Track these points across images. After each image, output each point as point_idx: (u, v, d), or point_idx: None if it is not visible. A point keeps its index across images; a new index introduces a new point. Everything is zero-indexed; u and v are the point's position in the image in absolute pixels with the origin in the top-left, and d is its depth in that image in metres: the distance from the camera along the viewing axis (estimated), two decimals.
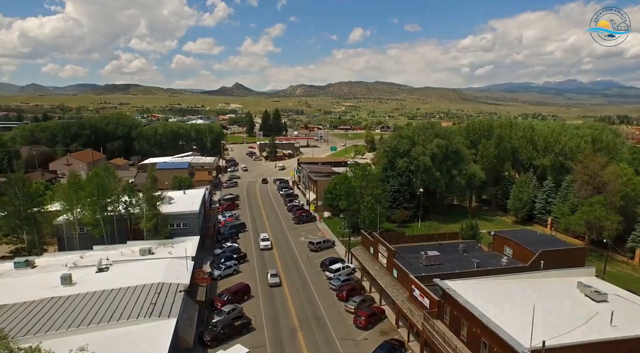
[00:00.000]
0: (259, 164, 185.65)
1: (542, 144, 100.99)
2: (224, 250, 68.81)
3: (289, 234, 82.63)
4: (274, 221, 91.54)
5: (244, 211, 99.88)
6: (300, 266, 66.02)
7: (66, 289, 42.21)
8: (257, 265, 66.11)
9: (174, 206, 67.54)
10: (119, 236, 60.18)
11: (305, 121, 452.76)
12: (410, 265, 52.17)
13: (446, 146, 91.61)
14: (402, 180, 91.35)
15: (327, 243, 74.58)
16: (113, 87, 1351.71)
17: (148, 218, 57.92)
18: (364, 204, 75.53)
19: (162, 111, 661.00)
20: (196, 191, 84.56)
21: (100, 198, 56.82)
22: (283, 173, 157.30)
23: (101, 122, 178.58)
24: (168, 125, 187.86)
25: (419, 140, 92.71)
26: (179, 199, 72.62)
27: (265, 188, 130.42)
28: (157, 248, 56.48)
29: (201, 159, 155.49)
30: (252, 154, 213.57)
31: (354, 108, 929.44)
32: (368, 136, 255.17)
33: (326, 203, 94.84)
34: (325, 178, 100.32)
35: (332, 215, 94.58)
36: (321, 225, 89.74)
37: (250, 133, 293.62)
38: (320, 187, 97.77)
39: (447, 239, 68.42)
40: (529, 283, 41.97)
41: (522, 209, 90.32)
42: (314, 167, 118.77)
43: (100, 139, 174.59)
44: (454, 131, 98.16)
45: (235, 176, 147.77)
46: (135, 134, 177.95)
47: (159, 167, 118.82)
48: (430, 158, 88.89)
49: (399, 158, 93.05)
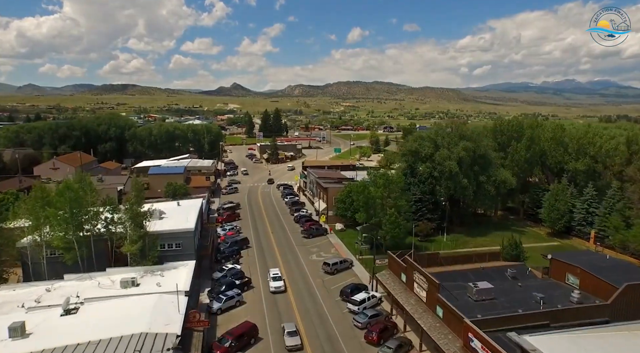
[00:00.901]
0: (260, 167, 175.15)
1: (574, 147, 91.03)
2: (224, 273, 58.46)
3: (298, 251, 72.22)
4: (280, 235, 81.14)
5: (246, 222, 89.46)
6: (316, 295, 55.63)
7: (15, 345, 31.77)
8: (263, 292, 55.79)
9: (165, 223, 57.09)
10: (97, 260, 49.71)
11: (305, 121, 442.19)
12: (456, 299, 42.06)
13: (473, 150, 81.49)
14: (425, 188, 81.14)
15: (344, 264, 64.23)
16: (110, 88, 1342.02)
17: (132, 241, 47.48)
18: (386, 218, 65.31)
19: (159, 111, 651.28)
20: (192, 201, 74.06)
21: (73, 215, 46.36)
22: (287, 177, 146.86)
23: (92, 123, 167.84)
24: (163, 126, 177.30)
25: (443, 143, 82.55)
26: (171, 213, 62.13)
27: (268, 193, 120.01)
28: (144, 278, 46.08)
29: (198, 162, 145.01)
30: (252, 156, 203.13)
31: (353, 108, 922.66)
32: (372, 136, 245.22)
33: (338, 213, 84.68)
34: (336, 185, 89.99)
35: (345, 227, 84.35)
36: (333, 238, 79.42)
37: (250, 134, 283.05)
38: (331, 195, 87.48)
39: (487, 260, 58.32)
40: None
41: (560, 220, 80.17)
42: (321, 172, 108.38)
43: (91, 141, 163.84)
44: (480, 133, 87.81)
45: (235, 180, 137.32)
46: (129, 136, 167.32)
47: (152, 172, 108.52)
48: (456, 163, 78.73)
49: (420, 162, 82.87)
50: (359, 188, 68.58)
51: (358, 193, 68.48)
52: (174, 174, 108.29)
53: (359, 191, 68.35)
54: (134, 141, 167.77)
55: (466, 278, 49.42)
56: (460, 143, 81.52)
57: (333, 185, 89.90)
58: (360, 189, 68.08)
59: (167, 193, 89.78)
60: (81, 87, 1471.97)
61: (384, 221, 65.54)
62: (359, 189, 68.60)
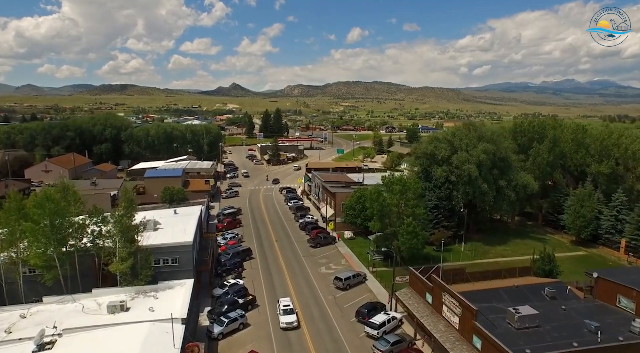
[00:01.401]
0: (261, 169, 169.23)
1: (597, 148, 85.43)
2: (225, 290, 52.69)
3: (305, 262, 66.42)
4: (285, 244, 75.33)
5: (248, 229, 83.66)
6: (328, 315, 49.80)
7: None
8: (269, 311, 50.04)
9: (160, 235, 51.23)
10: (82, 279, 43.91)
11: (306, 121, 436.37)
12: (494, 326, 36.43)
13: (493, 152, 75.84)
14: (441, 193, 75.48)
15: (358, 278, 58.43)
16: (109, 88, 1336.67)
17: (122, 258, 41.64)
18: (402, 227, 59.59)
19: (158, 111, 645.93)
20: (190, 209, 68.14)
21: (55, 229, 40.54)
22: (290, 179, 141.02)
23: (87, 124, 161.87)
24: (161, 126, 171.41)
25: (461, 145, 76.84)
26: (167, 223, 56.24)
27: (270, 197, 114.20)
28: (135, 300, 40.32)
29: (197, 164, 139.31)
30: (253, 157, 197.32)
31: (353, 108, 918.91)
32: (376, 137, 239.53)
33: (347, 220, 78.97)
34: (344, 190, 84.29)
35: (355, 235, 78.63)
36: (343, 248, 73.63)
37: (250, 134, 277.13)
38: (340, 201, 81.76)
39: (518, 275, 52.70)
40: None
41: (586, 228, 74.47)
42: (327, 175, 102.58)
43: (86, 142, 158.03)
44: (500, 134, 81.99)
45: (236, 183, 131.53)
46: (125, 136, 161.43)
47: (148, 176, 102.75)
48: (476, 167, 73.04)
49: (436, 166, 77.06)
50: (373, 195, 62.75)
51: (372, 200, 62.67)
52: (171, 178, 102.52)
53: (372, 198, 62.54)
54: (130, 142, 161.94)
55: (500, 298, 43.75)
56: (480, 145, 75.91)
57: (341, 190, 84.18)
58: (375, 196, 62.26)
59: (163, 198, 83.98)
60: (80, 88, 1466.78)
61: (401, 231, 59.85)
62: (372, 196, 62.77)
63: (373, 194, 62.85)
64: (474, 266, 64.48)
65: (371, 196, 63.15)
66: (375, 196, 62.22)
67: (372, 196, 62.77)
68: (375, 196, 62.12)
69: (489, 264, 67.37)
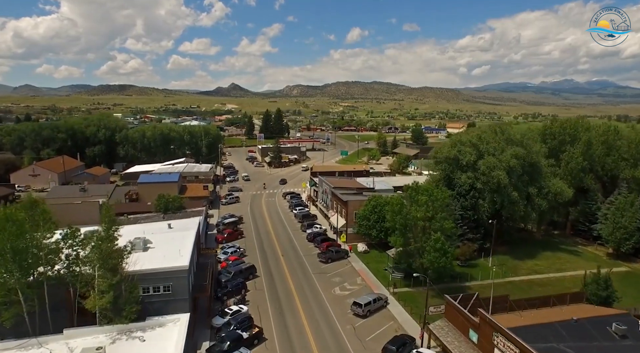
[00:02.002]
0: (262, 171, 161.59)
1: (632, 152, 78.11)
2: (227, 319, 44.97)
3: (316, 282, 58.81)
4: (293, 259, 67.66)
5: (250, 241, 76.01)
6: (349, 352, 42.21)
7: None
8: (278, 347, 42.42)
9: (150, 257, 43.45)
10: (53, 315, 36.22)
11: (306, 122, 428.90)
12: None
13: (523, 157, 68.41)
14: (466, 202, 67.99)
15: (379, 303, 50.83)
16: (107, 88, 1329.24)
17: (101, 291, 33.97)
18: (429, 243, 52.05)
19: (156, 111, 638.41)
20: (187, 222, 60.38)
21: (17, 256, 32.90)
22: (296, 181, 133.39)
23: (80, 124, 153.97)
24: (157, 127, 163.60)
25: (489, 149, 69.28)
26: (160, 240, 48.48)
27: (273, 203, 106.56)
28: (116, 343, 32.77)
29: (195, 167, 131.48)
30: (253, 159, 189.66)
31: (352, 108, 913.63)
32: (380, 138, 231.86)
33: (360, 231, 71.42)
34: (356, 198, 76.73)
35: (369, 248, 71.04)
36: (357, 263, 66.03)
37: (250, 135, 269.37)
38: (352, 210, 74.20)
39: (569, 302, 45.09)
40: None
41: (628, 240, 66.95)
42: (335, 180, 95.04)
43: (78, 144, 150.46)
44: (530, 137, 74.27)
45: (236, 187, 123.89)
46: (120, 138, 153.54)
47: (141, 181, 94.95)
48: (506, 173, 65.55)
49: (459, 172, 69.55)
50: (395, 207, 55.13)
51: (394, 213, 55.06)
52: (166, 183, 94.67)
53: (394, 211, 54.91)
54: (125, 144, 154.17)
55: (559, 335, 36.33)
56: (508, 149, 68.45)
57: (353, 198, 76.58)
58: (397, 208, 54.62)
59: (157, 207, 76.25)
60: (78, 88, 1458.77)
61: (427, 248, 52.30)
62: (394, 208, 55.14)
63: (395, 206, 55.20)
64: (506, 286, 57.22)
65: (393, 208, 55.51)
66: (398, 208, 54.59)
67: (394, 208, 55.13)
68: (397, 209, 54.48)
69: (522, 282, 60.03)
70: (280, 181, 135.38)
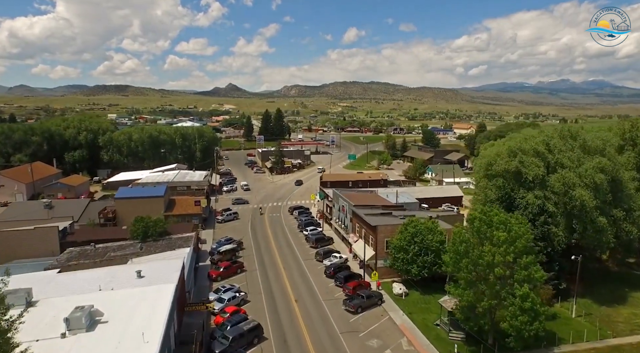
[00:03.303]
0: (263, 178, 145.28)
1: None
2: None
3: (344, 343, 42.63)
4: (311, 307, 51.32)
5: (253, 279, 59.70)
6: None
7: None
8: None
9: (96, 344, 27.14)
10: None
11: (306, 122, 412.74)
12: None
13: (609, 171, 52.51)
14: (535, 230, 51.85)
15: None
16: (103, 88, 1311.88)
17: None
18: (514, 301, 36.06)
19: (152, 112, 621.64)
20: (166, 268, 43.59)
21: None
22: (307, 187, 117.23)
23: (58, 126, 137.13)
24: (146, 129, 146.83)
25: (562, 159, 53.35)
26: (119, 309, 32.12)
27: (278, 220, 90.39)
28: None
29: (187, 175, 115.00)
30: (253, 164, 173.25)
31: (351, 109, 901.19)
32: (389, 139, 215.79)
33: (396, 267, 55.43)
34: (387, 221, 60.61)
35: (407, 288, 54.90)
36: (395, 313, 49.79)
37: (249, 137, 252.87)
38: (383, 237, 58.10)
39: None
40: None
41: None
42: (354, 195, 78.79)
43: (55, 148, 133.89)
44: (612, 143, 58.18)
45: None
46: (103, 141, 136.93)
47: (119, 196, 78.58)
48: (590, 192, 49.69)
49: (522, 190, 53.57)
50: (458, 247, 39.00)
51: (456, 254, 39.02)
52: (150, 199, 78.52)
53: (457, 251, 38.86)
54: (109, 148, 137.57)
55: None
56: (589, 160, 52.52)
57: (383, 221, 60.39)
58: (461, 248, 38.51)
59: (134, 233, 59.94)
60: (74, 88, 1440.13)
61: (511, 308, 36.28)
62: (457, 247, 39.04)
63: (458, 245, 39.04)
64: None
65: (455, 248, 39.36)
66: (463, 248, 38.44)
67: (457, 247, 39.01)
68: (462, 249, 38.34)
69: (632, 348, 43.61)
70: (296, 183, 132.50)
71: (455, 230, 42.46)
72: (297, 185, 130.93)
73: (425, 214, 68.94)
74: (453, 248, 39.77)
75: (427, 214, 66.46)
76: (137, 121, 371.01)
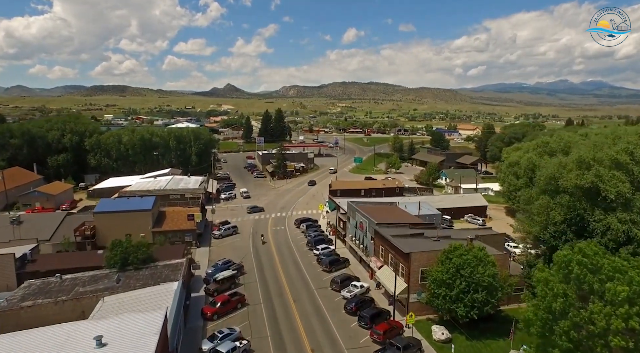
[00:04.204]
0: (264, 184, 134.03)
1: None
2: None
3: None
4: None
5: (257, 317, 48.62)
6: None
7: None
8: None
9: None
10: None
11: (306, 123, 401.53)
12: None
13: None
14: None
15: None
16: (101, 88, 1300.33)
17: None
18: None
19: (150, 112, 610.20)
20: (140, 323, 31.97)
21: None
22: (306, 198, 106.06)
23: (40, 128, 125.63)
24: (137, 131, 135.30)
25: None
26: None
27: (283, 235, 79.32)
28: None
29: (181, 182, 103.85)
30: (253, 168, 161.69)
31: (350, 109, 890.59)
32: (395, 141, 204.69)
33: (435, 304, 44.48)
34: (423, 247, 49.58)
35: (449, 332, 43.87)
36: None
37: (248, 139, 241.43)
38: (417, 265, 47.07)
39: None
40: None
41: None
42: (374, 209, 67.68)
43: (38, 152, 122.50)
44: None
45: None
46: (90, 144, 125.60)
47: (99, 210, 67.29)
48: None
49: (599, 211, 42.59)
50: (551, 302, 27.97)
51: (549, 312, 28.00)
52: (136, 213, 67.40)
53: (551, 310, 27.83)
54: (97, 152, 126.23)
55: None
56: None
57: (417, 246, 49.34)
58: (556, 307, 27.45)
59: (110, 261, 48.74)
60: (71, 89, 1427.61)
61: None
62: (550, 304, 28.01)
63: (551, 301, 27.94)
64: None
65: (546, 304, 28.25)
66: (559, 306, 27.33)
67: (548, 304, 27.93)
68: (556, 307, 27.24)
69: None
70: (310, 183, 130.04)
71: (539, 276, 31.10)
72: (311, 185, 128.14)
73: (461, 233, 58.13)
74: (543, 305, 28.64)
75: (465, 235, 55.61)
76: (133, 122, 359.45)
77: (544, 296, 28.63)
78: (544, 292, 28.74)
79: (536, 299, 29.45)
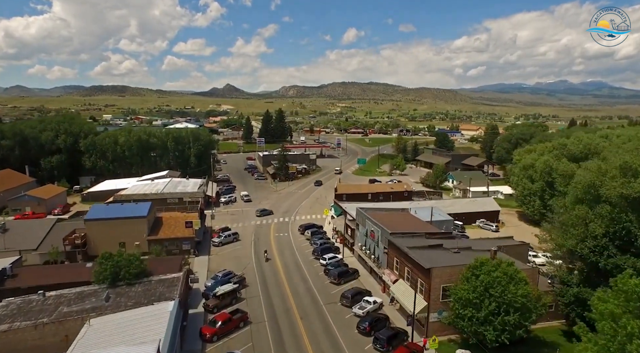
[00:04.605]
0: (265, 186, 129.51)
1: None
2: None
3: None
4: None
5: (262, 339, 44.07)
6: None
7: None
8: None
9: None
10: None
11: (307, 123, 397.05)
12: None
13: None
14: None
15: None
16: (100, 89, 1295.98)
17: None
18: None
19: (149, 112, 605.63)
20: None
21: None
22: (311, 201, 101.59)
23: (33, 129, 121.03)
24: (134, 132, 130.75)
25: None
26: None
27: (287, 242, 74.89)
28: None
29: (179, 185, 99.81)
30: (253, 169, 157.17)
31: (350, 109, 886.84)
32: (399, 142, 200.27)
33: (460, 326, 40.05)
34: (444, 261, 45.09)
35: None
36: None
37: (248, 139, 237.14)
38: (438, 282, 42.63)
39: None
40: None
41: None
42: (386, 217, 63.24)
43: (30, 153, 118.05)
44: None
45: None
46: (85, 146, 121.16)
47: (90, 217, 62.82)
48: None
49: None
50: (625, 345, 23.53)
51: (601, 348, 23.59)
52: (130, 220, 62.95)
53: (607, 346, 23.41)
54: (92, 153, 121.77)
55: None
56: None
57: (438, 260, 44.86)
58: (633, 348, 22.99)
59: (100, 277, 44.23)
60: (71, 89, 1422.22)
61: None
62: (626, 345, 23.56)
63: (624, 342, 23.46)
64: None
65: (614, 345, 23.78)
66: (634, 348, 22.88)
67: (618, 346, 23.44)
68: (634, 348, 22.79)
69: None
70: (316, 183, 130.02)
71: (602, 308, 26.41)
72: (317, 185, 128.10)
73: (481, 244, 53.74)
74: (614, 346, 24.06)
75: (485, 245, 51.27)
76: (132, 122, 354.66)
77: (612, 334, 24.11)
78: (612, 330, 24.22)
79: (600, 337, 24.85)
